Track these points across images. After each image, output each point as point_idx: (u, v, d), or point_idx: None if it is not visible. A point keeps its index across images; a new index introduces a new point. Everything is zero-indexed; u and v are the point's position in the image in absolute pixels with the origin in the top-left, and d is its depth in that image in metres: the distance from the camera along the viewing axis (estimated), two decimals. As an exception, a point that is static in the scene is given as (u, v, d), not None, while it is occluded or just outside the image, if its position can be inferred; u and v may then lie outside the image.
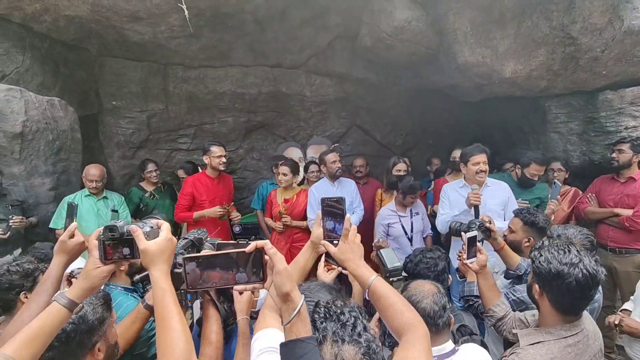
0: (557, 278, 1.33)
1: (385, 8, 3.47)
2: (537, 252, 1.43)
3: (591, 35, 2.90)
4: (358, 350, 0.87)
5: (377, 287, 1.12)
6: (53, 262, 1.24)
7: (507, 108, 4.43)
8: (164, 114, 4.53)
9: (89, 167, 3.55)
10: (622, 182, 3.09)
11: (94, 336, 1.23)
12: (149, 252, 1.02)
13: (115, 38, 3.84)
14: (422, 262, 1.96)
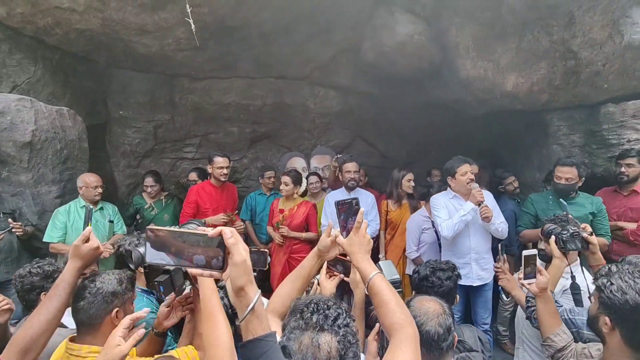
0: (637, 311, 1.16)
1: (387, 23, 3.53)
2: (606, 280, 1.24)
3: (591, 50, 2.94)
4: (334, 337, 0.94)
5: (375, 283, 1.18)
6: (67, 267, 1.30)
7: (510, 121, 4.44)
8: (170, 124, 4.60)
9: (87, 175, 3.47)
10: (625, 195, 3.07)
11: (115, 299, 1.37)
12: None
13: (123, 50, 3.92)
14: (427, 280, 1.90)
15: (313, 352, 0.92)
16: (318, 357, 0.92)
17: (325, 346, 0.93)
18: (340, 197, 3.78)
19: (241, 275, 0.87)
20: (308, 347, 0.93)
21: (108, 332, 1.30)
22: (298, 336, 0.96)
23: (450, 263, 2.00)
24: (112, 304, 1.37)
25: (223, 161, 3.69)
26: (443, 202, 3.12)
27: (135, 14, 3.29)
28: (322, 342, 0.93)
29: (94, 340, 1.33)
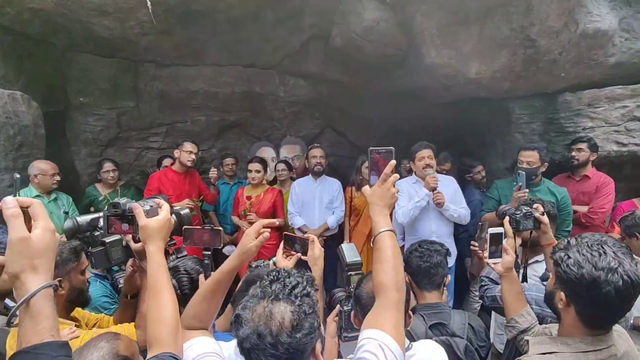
0: (592, 287, 1.08)
1: (355, 9, 3.53)
2: (564, 254, 1.17)
3: (549, 38, 3.04)
4: (288, 307, 0.90)
5: (381, 239, 1.14)
6: None
7: (476, 110, 4.55)
8: (135, 111, 4.45)
9: (41, 162, 3.30)
10: (577, 180, 3.21)
11: (56, 270, 1.26)
12: (147, 228, 1.13)
13: (83, 33, 3.76)
14: (415, 251, 1.87)
15: (265, 321, 0.88)
16: (270, 327, 0.88)
17: (277, 316, 0.89)
18: (305, 184, 3.84)
19: (17, 259, 0.70)
20: (260, 317, 0.89)
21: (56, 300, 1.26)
22: (254, 305, 0.92)
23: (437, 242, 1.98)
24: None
25: (192, 147, 3.65)
26: (405, 188, 3.17)
27: (92, -8, 3.15)
28: (275, 311, 0.90)
29: None
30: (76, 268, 1.46)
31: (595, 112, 3.48)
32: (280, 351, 0.86)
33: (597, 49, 3.19)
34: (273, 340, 0.86)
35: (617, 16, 3.21)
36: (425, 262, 1.81)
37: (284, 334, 0.87)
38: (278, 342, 0.86)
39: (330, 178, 3.98)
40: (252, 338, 0.88)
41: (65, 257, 1.43)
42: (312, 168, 3.81)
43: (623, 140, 3.49)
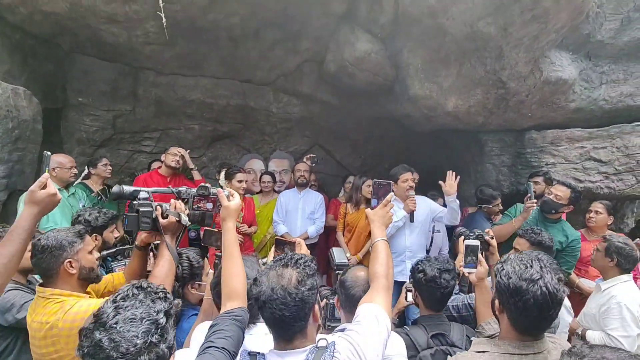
0: (516, 294, 1.23)
1: (349, 39, 3.86)
2: (500, 266, 1.33)
3: (517, 81, 3.42)
4: (294, 270, 1.18)
5: (378, 244, 1.54)
6: (22, 213, 1.34)
7: (453, 139, 4.92)
8: (131, 115, 4.61)
9: (58, 155, 3.34)
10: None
11: (63, 252, 1.51)
12: (229, 208, 1.51)
13: (89, 37, 3.93)
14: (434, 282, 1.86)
15: (277, 280, 1.16)
16: (281, 283, 1.15)
17: (286, 274, 1.17)
18: (290, 195, 4.09)
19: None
20: (273, 277, 1.17)
21: (66, 279, 1.49)
22: (268, 271, 1.20)
23: (451, 261, 2.00)
24: (61, 257, 1.51)
25: (177, 150, 3.89)
26: None
27: (106, 2, 3.36)
28: (284, 273, 1.17)
29: (54, 285, 1.50)
30: (83, 249, 1.59)
31: (557, 150, 3.87)
32: (288, 300, 1.12)
33: (559, 95, 3.60)
34: (283, 292, 1.13)
35: (577, 68, 3.64)
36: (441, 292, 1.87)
37: (292, 287, 1.14)
38: (287, 294, 1.13)
39: (314, 191, 4.26)
40: (267, 292, 1.14)
41: (70, 240, 1.56)
42: (297, 180, 4.11)
43: (580, 177, 3.88)
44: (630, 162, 3.85)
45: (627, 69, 3.84)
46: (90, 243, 1.66)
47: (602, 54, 3.77)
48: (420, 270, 1.91)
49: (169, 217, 1.59)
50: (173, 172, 3.94)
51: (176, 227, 1.63)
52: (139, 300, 0.95)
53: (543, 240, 2.29)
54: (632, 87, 3.83)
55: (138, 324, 0.90)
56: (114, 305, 0.93)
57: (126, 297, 0.95)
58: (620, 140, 3.84)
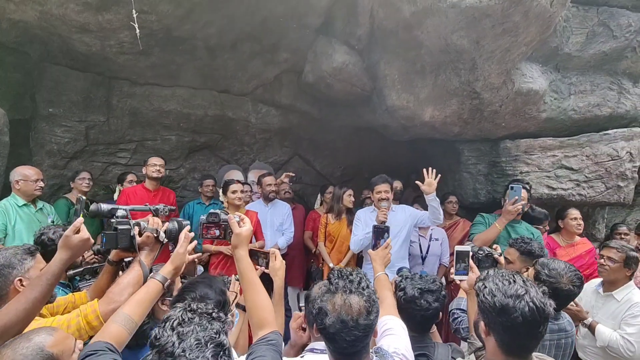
0: (503, 313, 1.17)
1: (326, 51, 3.89)
2: (482, 284, 1.26)
3: (491, 92, 3.51)
4: (361, 298, 1.18)
5: (380, 277, 1.84)
6: (55, 258, 1.34)
7: (430, 148, 5.00)
8: (105, 126, 4.48)
9: (23, 168, 3.18)
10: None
11: (13, 270, 1.47)
12: (240, 235, 1.47)
13: (60, 46, 3.83)
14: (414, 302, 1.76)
15: (346, 310, 1.15)
16: (350, 313, 1.15)
17: (355, 305, 1.16)
18: (258, 208, 4.03)
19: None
20: (341, 307, 1.16)
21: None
22: (329, 298, 1.19)
23: (438, 281, 1.86)
24: (10, 276, 1.46)
25: (157, 160, 3.77)
26: (363, 217, 3.44)
27: (78, 11, 3.28)
28: (352, 302, 1.16)
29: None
30: (34, 267, 1.54)
31: (530, 158, 3.97)
32: (359, 330, 1.14)
33: (531, 105, 3.71)
34: (354, 323, 1.14)
35: (547, 79, 3.77)
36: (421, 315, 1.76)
37: (362, 317, 1.15)
38: (357, 324, 1.14)
39: (281, 202, 4.21)
40: (337, 324, 1.15)
41: (20, 258, 1.51)
42: (267, 195, 4.04)
43: (553, 185, 3.99)
44: (599, 170, 3.99)
45: (594, 81, 4.01)
46: (41, 261, 1.60)
47: (569, 66, 3.92)
48: (400, 289, 1.81)
49: (146, 232, 1.57)
50: (156, 184, 3.85)
51: (153, 244, 1.60)
52: (196, 324, 0.96)
53: (533, 249, 2.27)
54: (599, 97, 4.00)
55: (204, 348, 0.92)
56: (175, 333, 0.92)
57: (183, 323, 0.95)
58: (590, 149, 3.98)
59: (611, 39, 3.79)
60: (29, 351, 1.11)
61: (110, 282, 1.66)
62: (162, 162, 3.82)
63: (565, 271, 1.89)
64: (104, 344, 1.16)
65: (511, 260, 2.34)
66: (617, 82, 4.05)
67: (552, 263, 1.95)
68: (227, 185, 3.74)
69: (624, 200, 4.10)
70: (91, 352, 1.12)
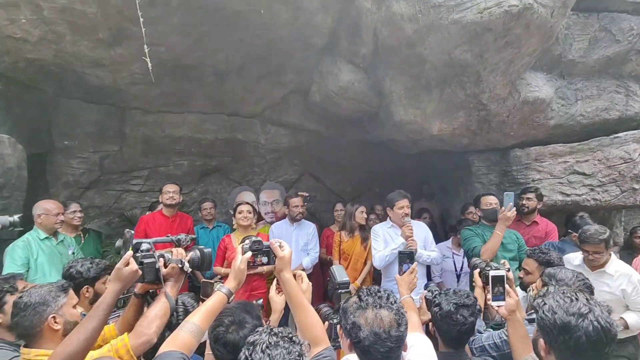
0: (564, 332, 1.12)
1: (332, 70, 3.96)
2: (541, 300, 1.23)
3: (497, 103, 3.53)
4: (390, 312, 1.27)
5: (405, 301, 1.95)
6: (108, 290, 1.44)
7: (440, 160, 5.01)
8: (118, 155, 4.59)
9: (45, 202, 3.20)
10: (527, 224, 3.59)
11: (47, 308, 1.53)
12: (284, 259, 1.53)
13: (74, 80, 3.95)
14: (450, 318, 1.74)
15: (378, 323, 1.24)
16: (382, 326, 1.23)
17: (386, 318, 1.25)
18: (283, 227, 4.04)
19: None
20: (374, 320, 1.25)
21: (50, 336, 1.48)
22: (361, 314, 1.27)
23: (472, 296, 1.85)
24: (45, 313, 1.52)
25: (171, 187, 3.83)
26: (381, 232, 3.42)
27: (91, 48, 3.41)
28: (383, 315, 1.25)
29: (39, 345, 1.48)
30: (67, 303, 1.59)
31: (542, 166, 3.96)
32: (391, 342, 1.22)
33: (538, 113, 3.73)
34: (386, 335, 1.22)
35: (553, 86, 3.79)
36: (458, 330, 1.75)
37: (393, 329, 1.23)
38: (390, 336, 1.22)
39: (306, 221, 4.22)
40: (370, 336, 1.23)
41: (54, 295, 1.56)
42: (295, 216, 4.05)
43: (566, 191, 3.96)
44: (612, 174, 3.96)
45: (600, 85, 4.01)
46: (74, 297, 1.66)
47: (574, 72, 3.94)
48: (436, 304, 1.82)
49: (171, 264, 1.61)
50: (173, 211, 3.91)
51: (178, 274, 1.64)
52: (282, 347, 1.06)
53: (552, 259, 2.27)
54: (606, 101, 4.00)
55: None
56: (267, 355, 1.03)
57: (271, 346, 1.05)
58: (601, 153, 3.95)
59: (614, 43, 3.82)
60: None
61: (137, 314, 1.69)
62: (177, 189, 3.88)
63: (573, 280, 1.88)
64: (180, 354, 1.23)
65: (530, 271, 2.34)
66: (623, 85, 4.05)
67: (560, 273, 1.94)
68: (235, 207, 3.82)
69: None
70: None
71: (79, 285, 2.07)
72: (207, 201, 4.47)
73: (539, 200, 3.58)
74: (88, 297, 2.10)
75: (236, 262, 1.53)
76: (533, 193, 3.57)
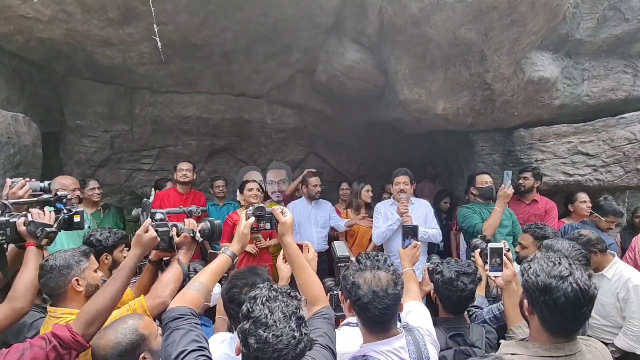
0: (545, 292, 1.20)
1: (338, 50, 3.98)
2: (527, 265, 1.31)
3: (502, 83, 3.55)
4: (387, 273, 1.36)
5: (407, 273, 2.03)
6: (129, 254, 1.55)
7: (445, 141, 5.04)
8: (129, 134, 4.70)
9: (63, 177, 3.28)
10: (527, 203, 3.66)
11: (70, 271, 1.64)
12: (286, 224, 1.61)
13: (84, 60, 4.03)
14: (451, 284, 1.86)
15: (376, 282, 1.33)
16: (380, 285, 1.32)
17: (383, 278, 1.34)
18: (301, 206, 4.18)
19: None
20: (372, 280, 1.33)
21: (74, 297, 1.60)
22: (360, 275, 1.36)
23: (473, 265, 1.97)
24: (69, 275, 1.63)
25: (185, 165, 3.97)
26: (382, 209, 3.53)
27: (101, 27, 3.46)
28: (380, 276, 1.34)
29: (64, 304, 1.60)
30: (89, 267, 1.71)
31: (545, 146, 3.99)
32: (389, 299, 1.31)
33: (543, 93, 3.73)
34: (384, 293, 1.31)
35: (559, 66, 3.77)
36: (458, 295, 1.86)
37: (390, 288, 1.32)
38: (387, 294, 1.31)
39: (322, 200, 4.34)
40: (369, 294, 1.31)
41: (77, 259, 1.68)
42: (314, 195, 4.19)
43: (569, 171, 4.00)
44: (617, 154, 3.97)
45: (607, 65, 3.98)
46: (94, 262, 1.78)
47: (581, 52, 3.90)
48: (438, 272, 1.94)
49: (184, 233, 1.71)
50: (187, 188, 4.05)
51: (190, 243, 1.74)
52: (281, 300, 1.11)
53: (547, 233, 2.34)
54: (613, 81, 3.97)
55: (290, 320, 1.08)
56: (266, 307, 1.09)
57: (270, 299, 1.12)
58: (606, 134, 3.96)
59: (623, 22, 3.76)
60: (127, 330, 1.38)
61: (152, 280, 1.81)
62: (190, 167, 4.02)
63: (569, 251, 1.95)
64: (188, 309, 1.31)
65: (525, 246, 2.42)
66: (631, 65, 4.01)
67: (557, 244, 2.01)
68: (244, 185, 3.92)
69: (644, 183, 4.07)
70: (179, 315, 1.28)
71: (99, 253, 2.20)
72: (219, 179, 4.59)
73: (537, 179, 3.62)
74: (107, 264, 2.23)
75: (240, 227, 1.63)
76: (530, 172, 3.63)
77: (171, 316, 1.28)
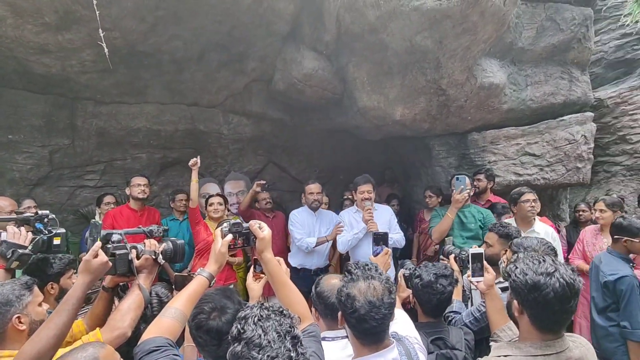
0: (534, 290, 1.24)
1: (295, 58, 3.94)
2: (513, 266, 1.34)
3: (456, 88, 3.69)
4: (380, 282, 1.34)
5: None
6: (77, 282, 1.37)
7: (402, 146, 5.16)
8: (70, 149, 4.31)
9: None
10: (482, 204, 3.80)
11: (11, 308, 1.43)
12: (265, 240, 1.52)
13: (16, 69, 3.66)
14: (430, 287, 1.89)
15: (372, 292, 1.31)
16: (375, 295, 1.30)
17: (378, 288, 1.32)
18: (305, 215, 3.89)
19: None
20: (367, 289, 1.31)
21: (15, 337, 1.40)
22: (354, 285, 1.33)
23: (449, 267, 2.05)
24: (8, 314, 1.42)
25: (141, 179, 3.69)
26: (346, 218, 3.51)
27: (36, 32, 3.16)
28: (375, 285, 1.32)
29: (3, 346, 1.38)
30: (32, 301, 1.50)
31: (497, 148, 4.20)
32: (385, 308, 1.29)
33: (493, 98, 3.94)
34: (379, 302, 1.29)
35: (505, 72, 4.01)
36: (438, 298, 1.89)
37: (385, 297, 1.31)
38: (382, 303, 1.29)
39: (325, 210, 4.10)
40: (365, 305, 1.29)
41: (18, 294, 1.46)
42: (310, 204, 3.82)
43: (519, 172, 4.23)
44: (559, 154, 4.28)
45: (547, 71, 4.30)
46: (39, 294, 1.57)
47: (524, 59, 4.18)
48: (416, 276, 1.97)
49: (144, 255, 1.56)
50: (142, 204, 3.76)
51: (152, 266, 1.60)
52: (273, 319, 1.06)
53: (510, 232, 2.41)
54: (552, 87, 4.29)
55: (284, 339, 1.02)
56: (259, 327, 1.03)
57: (262, 319, 1.05)
58: (549, 135, 4.25)
59: (559, 32, 4.09)
60: (89, 357, 1.19)
61: (107, 309, 1.63)
62: (146, 182, 3.75)
63: (538, 246, 2.03)
64: (165, 340, 1.20)
65: (491, 244, 2.47)
66: (567, 71, 4.36)
67: (526, 241, 2.09)
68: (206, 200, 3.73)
69: (583, 180, 4.41)
70: (155, 347, 1.17)
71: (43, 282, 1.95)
72: (180, 192, 4.35)
73: (490, 181, 3.79)
74: (53, 294, 1.97)
75: (217, 246, 1.50)
76: (483, 174, 3.79)
77: (145, 349, 1.15)
